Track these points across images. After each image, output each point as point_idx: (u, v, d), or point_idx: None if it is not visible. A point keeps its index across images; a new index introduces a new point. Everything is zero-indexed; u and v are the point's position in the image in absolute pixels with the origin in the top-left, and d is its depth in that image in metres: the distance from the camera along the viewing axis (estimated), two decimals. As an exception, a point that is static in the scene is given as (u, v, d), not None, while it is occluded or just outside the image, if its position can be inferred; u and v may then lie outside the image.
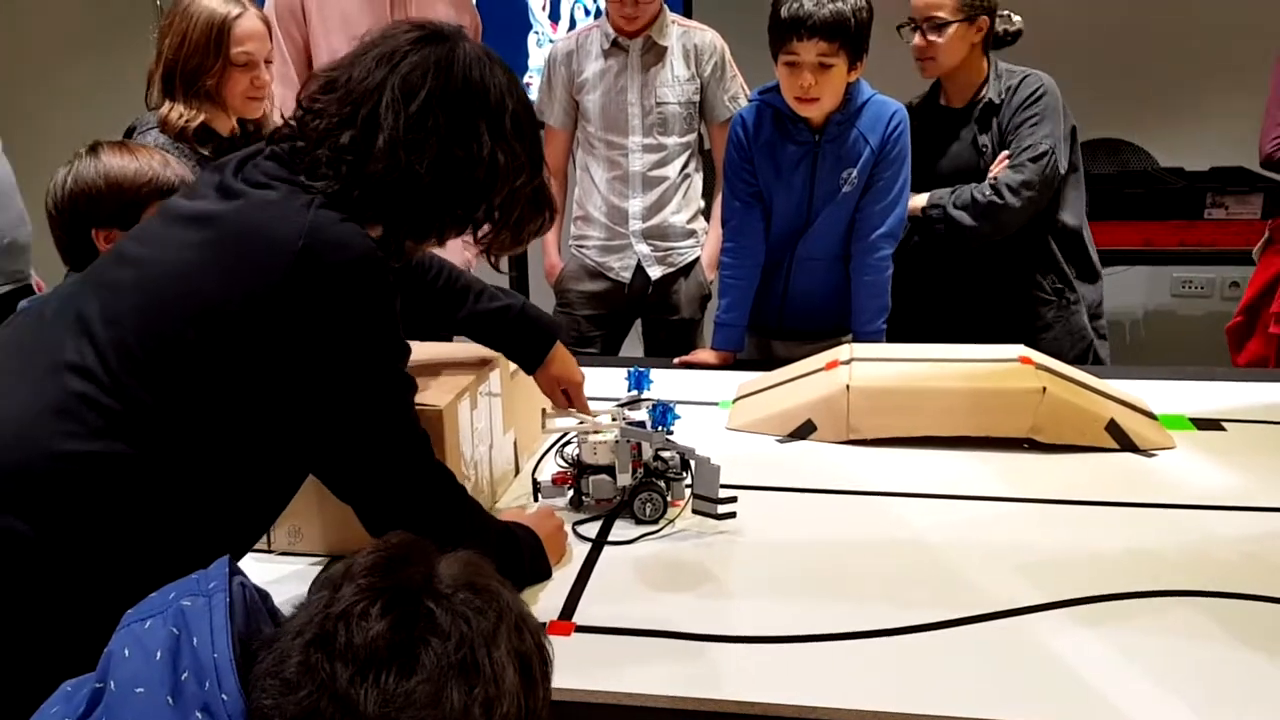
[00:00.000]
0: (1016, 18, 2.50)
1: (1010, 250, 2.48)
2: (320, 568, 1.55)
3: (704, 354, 2.48)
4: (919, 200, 2.49)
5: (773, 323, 2.53)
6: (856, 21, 2.22)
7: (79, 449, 1.16)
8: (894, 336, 2.48)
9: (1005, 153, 2.44)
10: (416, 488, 1.36)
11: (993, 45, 2.49)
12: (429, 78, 1.29)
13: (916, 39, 2.46)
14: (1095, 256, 2.62)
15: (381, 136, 1.26)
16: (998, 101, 2.47)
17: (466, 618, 0.79)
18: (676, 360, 2.47)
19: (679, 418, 1.77)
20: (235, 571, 0.89)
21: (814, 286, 2.46)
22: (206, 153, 2.19)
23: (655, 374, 2.08)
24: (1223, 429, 1.99)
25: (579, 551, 1.59)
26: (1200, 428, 2.00)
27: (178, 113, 2.16)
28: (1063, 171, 2.45)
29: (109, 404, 1.18)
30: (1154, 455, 1.88)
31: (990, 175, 2.44)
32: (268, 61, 2.25)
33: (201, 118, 2.18)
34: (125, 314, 1.22)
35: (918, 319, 2.56)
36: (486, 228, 1.38)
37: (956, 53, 2.44)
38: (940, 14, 2.42)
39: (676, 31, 2.68)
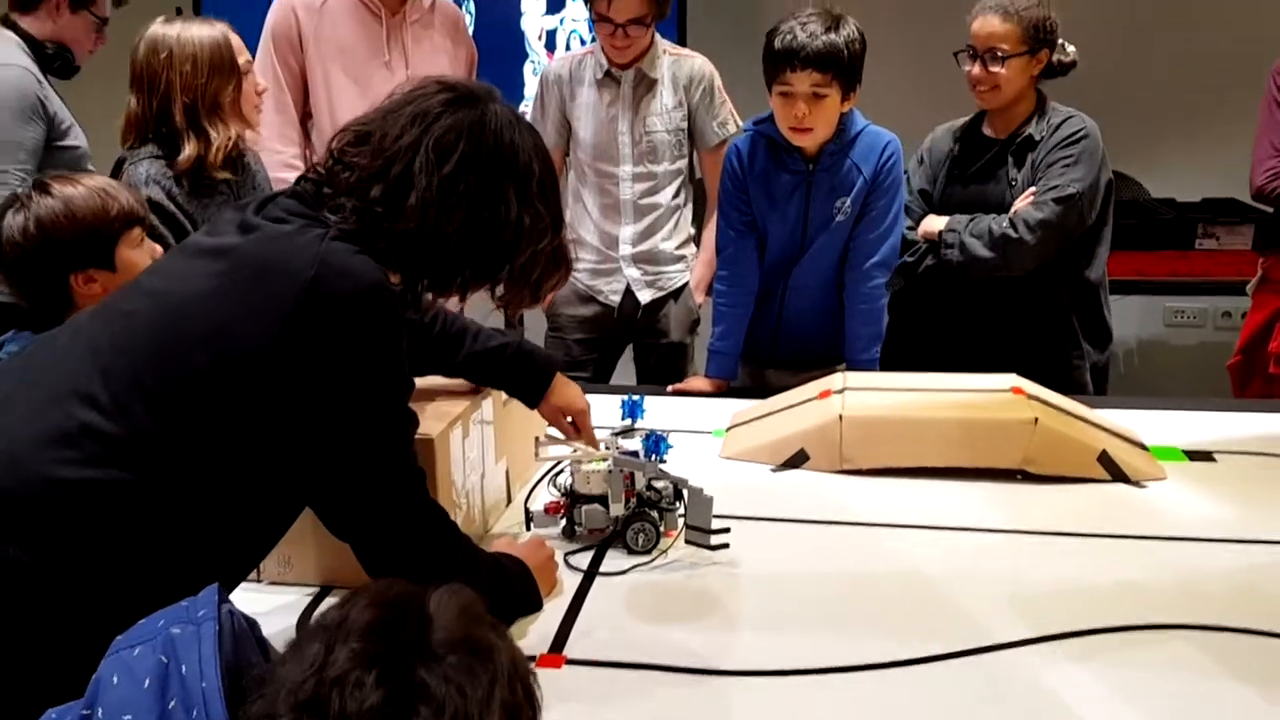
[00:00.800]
0: (1071, 48, 2.45)
1: (1021, 294, 2.43)
2: (311, 598, 1.55)
3: (697, 382, 2.49)
4: (937, 223, 2.46)
5: (766, 351, 2.53)
6: (849, 53, 2.24)
7: (78, 475, 1.17)
8: (892, 364, 2.48)
9: (1032, 189, 2.39)
10: (410, 524, 1.36)
11: (1047, 74, 2.44)
12: (462, 140, 1.31)
13: (975, 69, 2.41)
14: (1110, 320, 2.55)
15: (414, 195, 1.29)
16: (1038, 138, 2.42)
17: (461, 688, 0.78)
18: (670, 388, 2.47)
19: (672, 447, 1.77)
20: (224, 599, 0.89)
21: (808, 314, 2.47)
22: (229, 177, 2.21)
23: (649, 402, 2.09)
24: (1214, 460, 2.00)
25: (570, 582, 1.58)
26: (1192, 459, 2.00)
27: (219, 139, 2.17)
28: (1089, 221, 2.39)
29: (111, 430, 1.19)
30: (1146, 486, 1.88)
31: (1012, 209, 2.40)
32: None
33: (235, 134, 2.21)
34: (137, 342, 1.24)
35: (917, 349, 2.53)
36: (505, 284, 1.41)
37: (1016, 85, 2.40)
38: (1003, 46, 2.37)
39: (667, 61, 2.70)
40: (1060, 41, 2.43)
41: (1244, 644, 1.40)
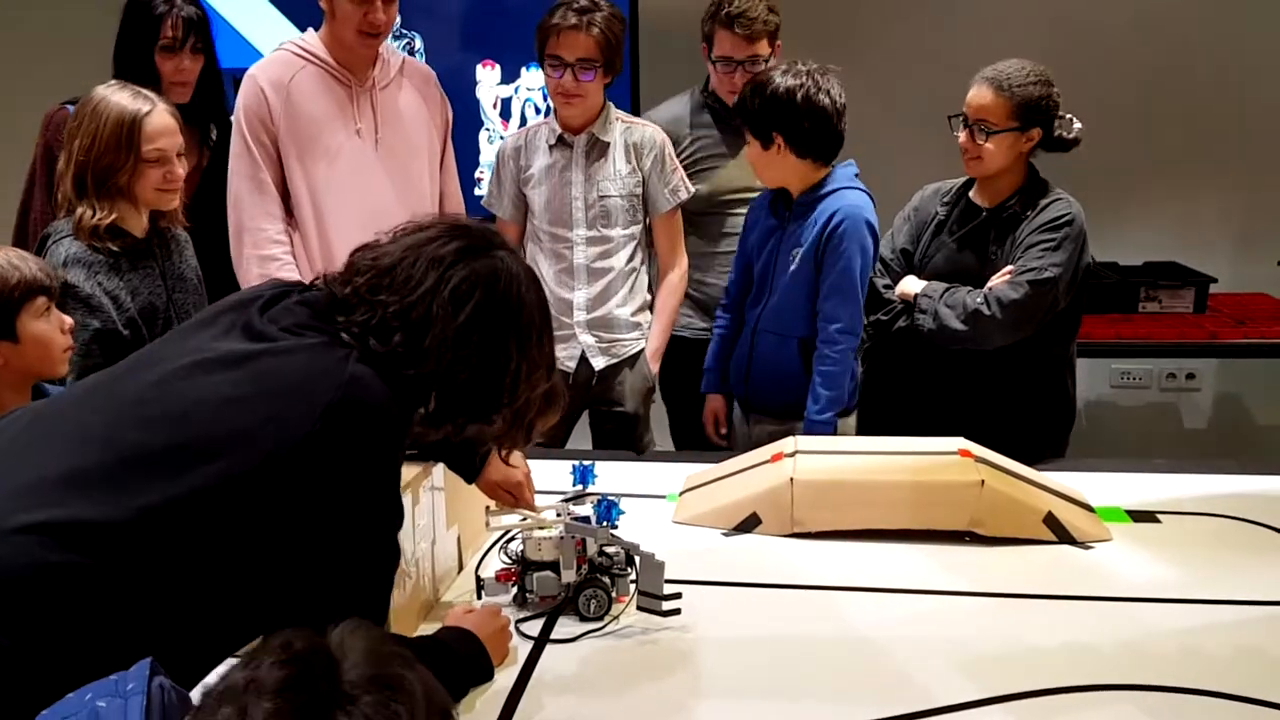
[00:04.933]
0: (1077, 124, 2.39)
1: (990, 364, 2.40)
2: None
3: (711, 406, 2.68)
4: (914, 286, 2.46)
5: (740, 388, 2.60)
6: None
7: (62, 560, 1.17)
8: (861, 419, 2.50)
9: (1010, 266, 2.38)
10: None
11: (1048, 148, 2.41)
12: (477, 291, 1.35)
13: (963, 137, 2.40)
14: (1074, 396, 2.56)
15: (429, 338, 1.32)
16: (1022, 214, 2.40)
17: None
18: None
19: (623, 513, 1.78)
20: (157, 672, 0.88)
21: (771, 359, 2.49)
22: (116, 247, 2.17)
23: (601, 467, 2.09)
24: (1158, 521, 2.03)
25: (521, 650, 1.57)
26: (1136, 520, 2.03)
27: (90, 212, 2.14)
28: (1061, 305, 2.38)
29: (106, 522, 1.19)
30: (1091, 548, 1.91)
31: (988, 285, 2.38)
32: (179, 155, 2.24)
33: (113, 216, 2.16)
34: (146, 438, 1.25)
35: (885, 407, 2.55)
36: (501, 425, 1.44)
37: (1001, 159, 2.38)
38: (991, 120, 2.34)
39: (620, 128, 2.74)
40: (1067, 117, 2.40)
41: (1189, 704, 1.42)
